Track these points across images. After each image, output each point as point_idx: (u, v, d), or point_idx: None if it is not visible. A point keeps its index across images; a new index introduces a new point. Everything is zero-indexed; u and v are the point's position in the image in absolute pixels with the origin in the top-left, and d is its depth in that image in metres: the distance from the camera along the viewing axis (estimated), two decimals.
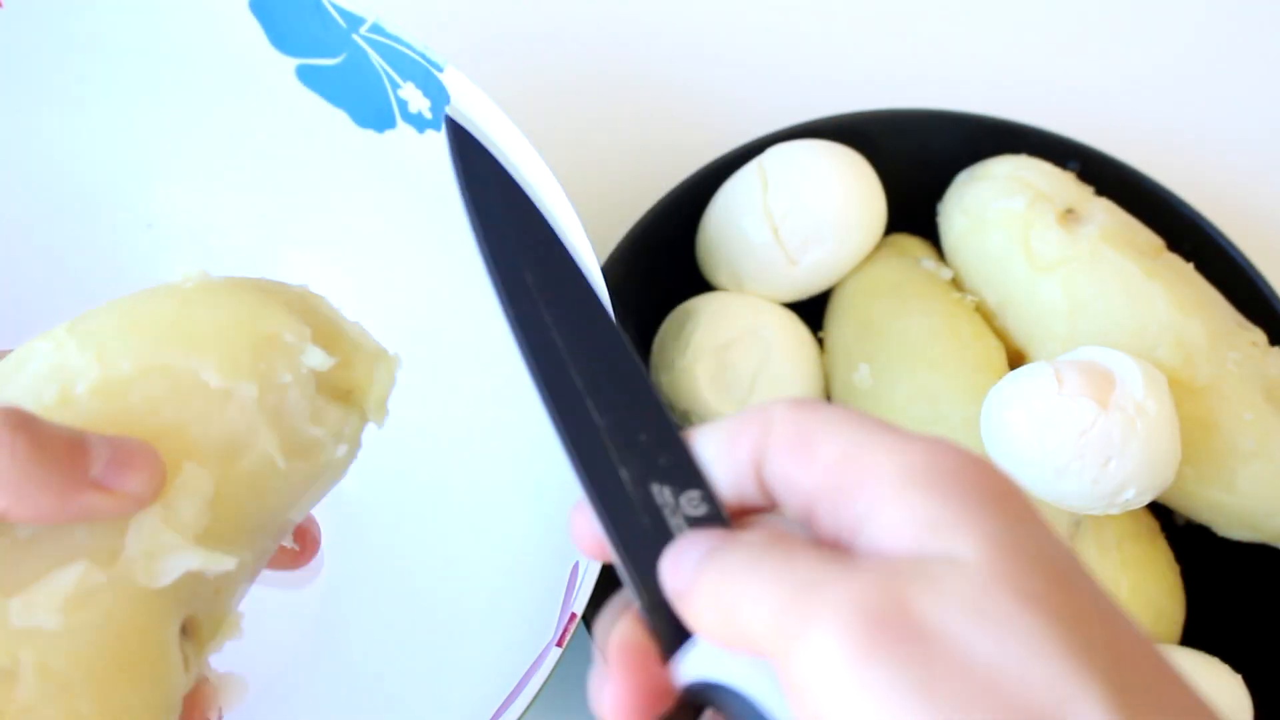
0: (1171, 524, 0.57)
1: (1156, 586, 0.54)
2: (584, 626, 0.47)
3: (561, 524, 0.31)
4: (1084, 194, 0.58)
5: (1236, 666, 0.52)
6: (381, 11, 0.50)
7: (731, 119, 0.67)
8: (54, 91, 0.54)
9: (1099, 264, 0.55)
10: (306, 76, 0.53)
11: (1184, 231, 0.59)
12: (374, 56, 0.51)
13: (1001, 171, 0.58)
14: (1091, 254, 0.55)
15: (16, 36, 0.52)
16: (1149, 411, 0.49)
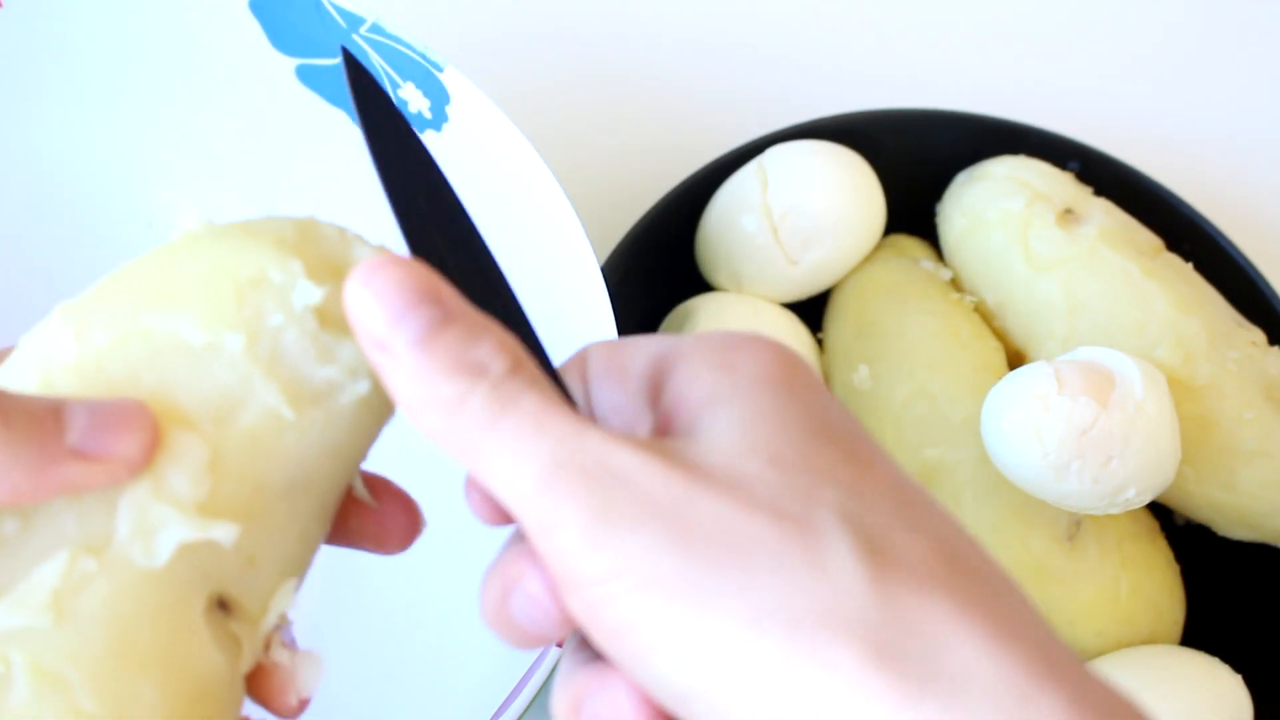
0: (1171, 524, 0.57)
1: (1156, 586, 0.54)
2: None
3: None
4: (1083, 194, 0.58)
5: (1236, 666, 0.52)
6: (381, 11, 0.50)
7: (731, 119, 0.67)
8: (54, 91, 0.54)
9: (1098, 264, 0.55)
10: (306, 76, 0.53)
11: (1183, 231, 0.59)
12: (374, 56, 0.51)
13: (1000, 172, 0.58)
14: (1090, 254, 0.55)
15: (17, 36, 0.52)
16: (1149, 411, 0.49)
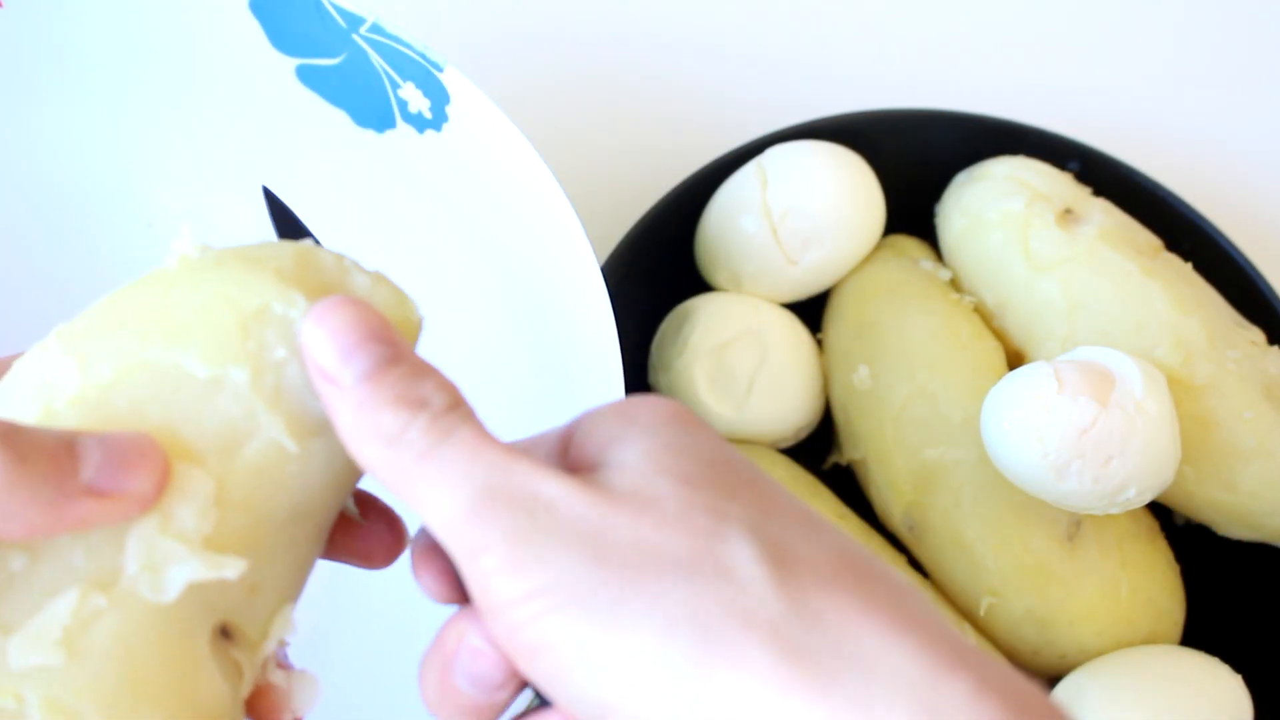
0: (1171, 524, 0.57)
1: (1156, 586, 0.54)
2: None
3: None
4: (1082, 194, 0.58)
5: (1236, 666, 0.52)
6: (381, 11, 0.50)
7: (731, 119, 0.67)
8: (54, 91, 0.54)
9: (1098, 264, 0.55)
10: (306, 76, 0.53)
11: (1183, 231, 0.59)
12: (374, 56, 0.51)
13: (1000, 172, 0.58)
14: (1090, 254, 0.55)
15: (17, 36, 0.52)
16: (1149, 410, 0.49)
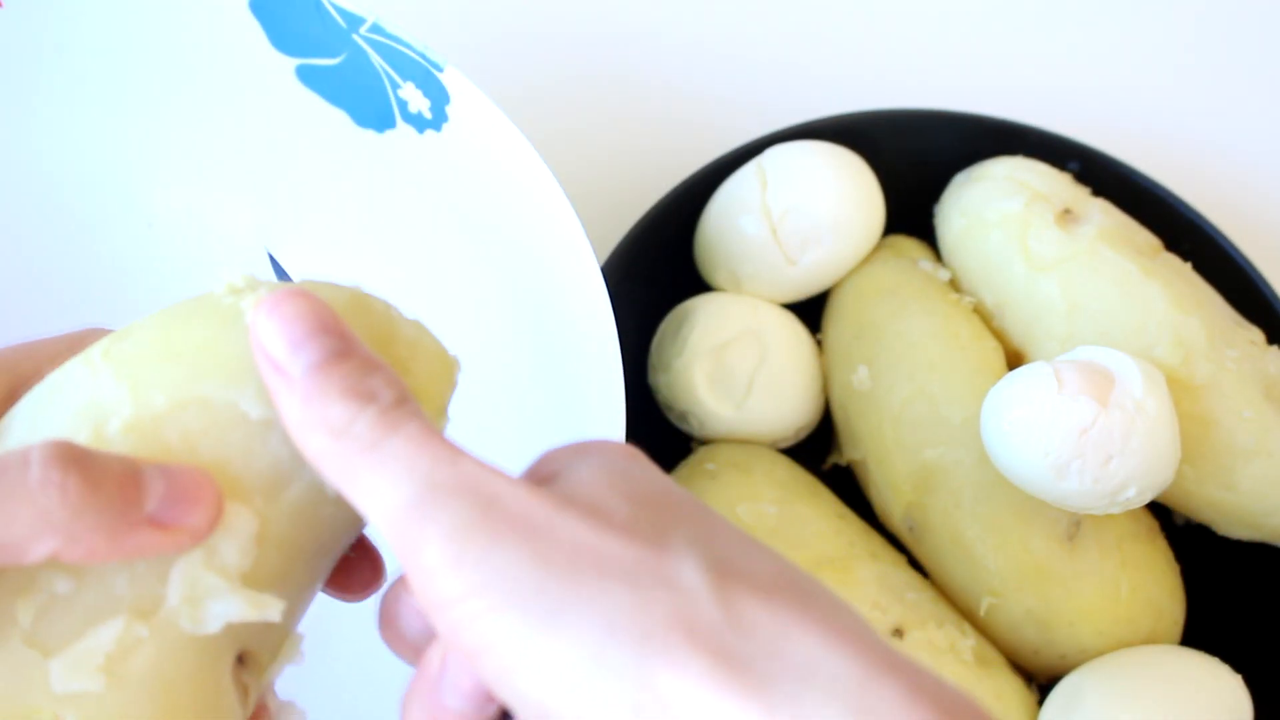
0: (1171, 524, 0.57)
1: (1156, 586, 0.54)
2: None
3: None
4: (1081, 194, 0.58)
5: (1236, 666, 0.52)
6: (381, 11, 0.50)
7: (731, 119, 0.67)
8: (54, 91, 0.54)
9: (1097, 264, 0.55)
10: (306, 76, 0.53)
11: (1182, 231, 0.59)
12: (374, 56, 0.51)
13: (999, 172, 0.58)
14: (1089, 254, 0.55)
15: (17, 36, 0.52)
16: (1149, 410, 0.49)
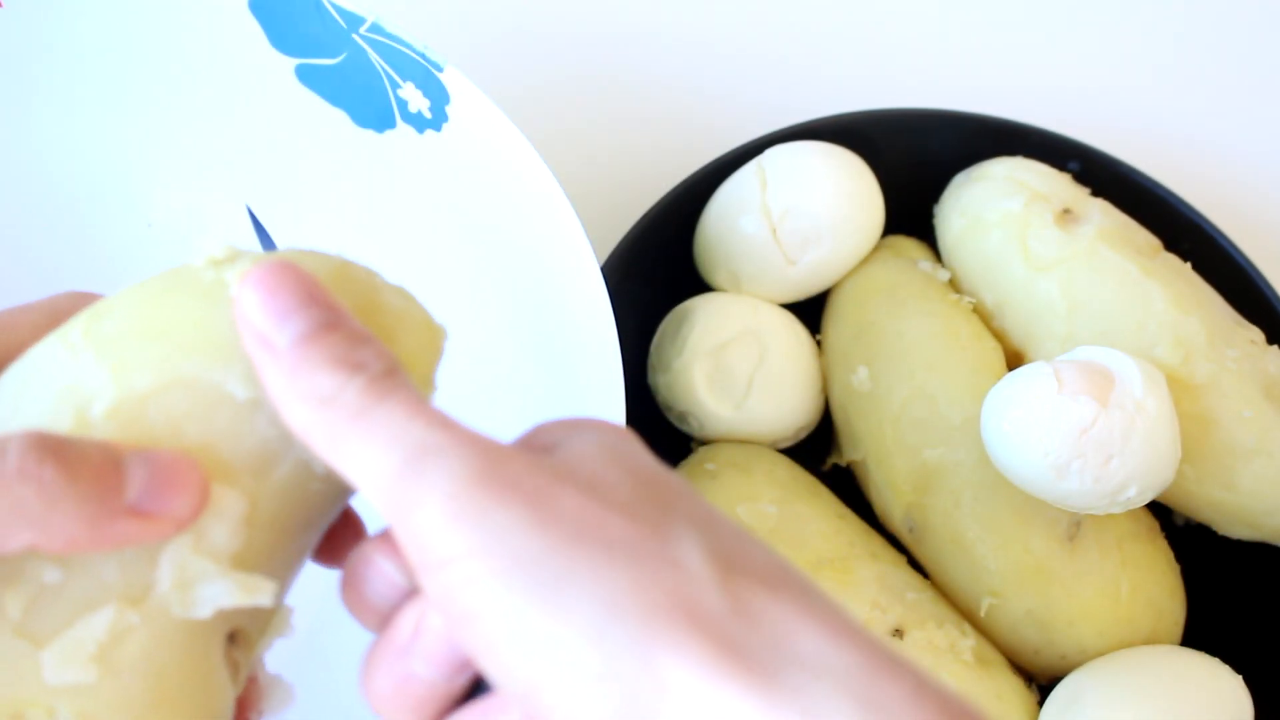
0: (1171, 524, 0.57)
1: (1156, 586, 0.54)
2: None
3: None
4: (1081, 194, 0.58)
5: (1236, 666, 0.52)
6: (381, 11, 0.50)
7: (731, 119, 0.67)
8: (54, 91, 0.54)
9: (1097, 263, 0.55)
10: (306, 76, 0.53)
11: (1182, 231, 0.59)
12: (374, 56, 0.51)
13: (998, 173, 0.58)
14: (1089, 254, 0.55)
15: (16, 36, 0.52)
16: (1149, 409, 0.49)
